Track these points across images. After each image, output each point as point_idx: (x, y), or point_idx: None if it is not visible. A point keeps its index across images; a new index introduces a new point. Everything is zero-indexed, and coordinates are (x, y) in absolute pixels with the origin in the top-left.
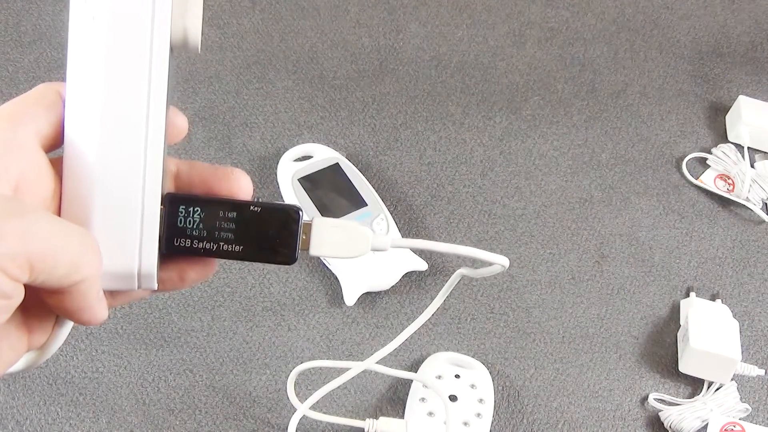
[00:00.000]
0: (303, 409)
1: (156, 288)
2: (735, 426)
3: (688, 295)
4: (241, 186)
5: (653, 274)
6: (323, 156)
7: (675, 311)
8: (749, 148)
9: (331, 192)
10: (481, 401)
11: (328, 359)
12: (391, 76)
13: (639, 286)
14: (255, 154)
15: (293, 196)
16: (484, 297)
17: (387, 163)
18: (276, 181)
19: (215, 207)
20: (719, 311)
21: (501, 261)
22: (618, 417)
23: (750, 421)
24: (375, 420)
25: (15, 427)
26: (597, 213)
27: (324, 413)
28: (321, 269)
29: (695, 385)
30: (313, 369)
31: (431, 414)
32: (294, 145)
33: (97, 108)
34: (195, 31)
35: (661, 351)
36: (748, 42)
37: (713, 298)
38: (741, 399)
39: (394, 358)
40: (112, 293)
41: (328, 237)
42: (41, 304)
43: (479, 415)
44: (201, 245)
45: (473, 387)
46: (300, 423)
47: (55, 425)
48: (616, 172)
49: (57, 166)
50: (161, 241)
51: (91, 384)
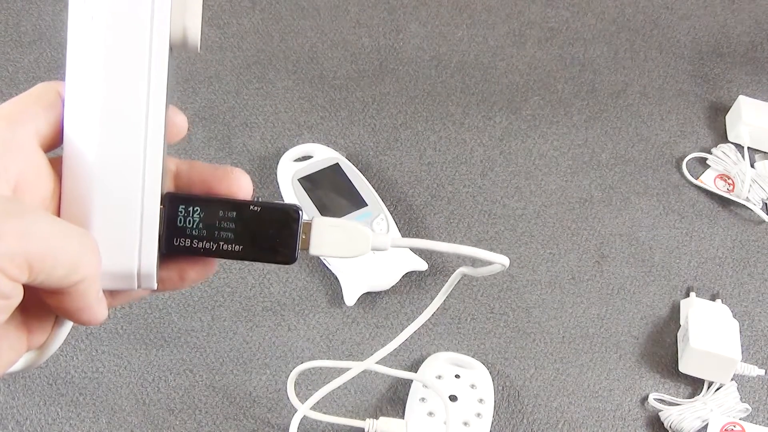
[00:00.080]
0: (303, 409)
1: (156, 288)
2: (735, 426)
3: (688, 295)
4: (241, 185)
5: (653, 274)
6: (323, 156)
7: (675, 311)
8: (749, 148)
9: (331, 192)
10: (481, 401)
11: (328, 359)
12: (391, 76)
13: (639, 286)
14: (255, 154)
15: (293, 196)
16: (484, 297)
17: (387, 163)
18: (276, 181)
19: (215, 206)
20: (719, 311)
21: (501, 260)
22: (618, 417)
23: (750, 421)
24: (375, 420)
25: (15, 427)
26: (597, 213)
27: (324, 413)
28: (321, 269)
29: (695, 385)
30: (313, 369)
31: (431, 414)
32: (294, 145)
33: (97, 107)
34: (194, 31)
35: (661, 351)
36: (748, 42)
37: (713, 298)
38: (741, 399)
39: (394, 358)
40: (111, 293)
41: (327, 237)
42: (41, 304)
43: (479, 415)
44: (201, 245)
45: (473, 387)
46: (300, 423)
47: (55, 425)
48: (616, 172)
49: (56, 165)
50: (161, 241)
51: (91, 384)
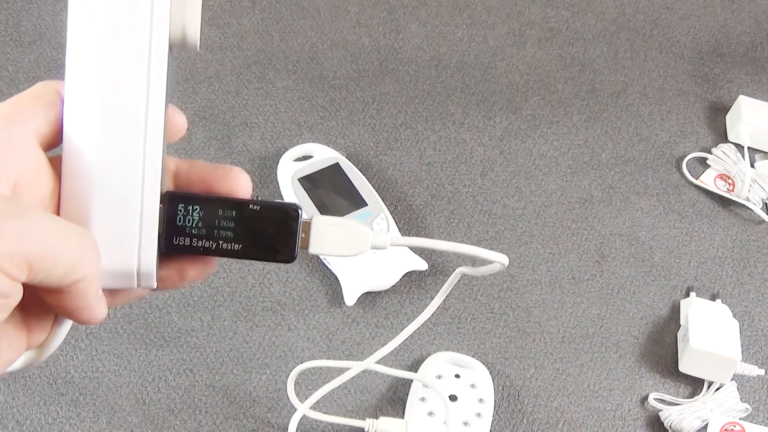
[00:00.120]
0: (303, 409)
1: (155, 286)
2: (735, 426)
3: (688, 295)
4: (241, 184)
5: (653, 274)
6: (323, 156)
7: (675, 311)
8: (749, 148)
9: (331, 192)
10: (481, 401)
11: (328, 359)
12: (391, 76)
13: (639, 286)
14: (255, 154)
15: (293, 195)
16: (484, 297)
17: (387, 163)
18: (276, 181)
19: (214, 205)
20: (719, 311)
21: (500, 259)
22: (618, 417)
23: (750, 421)
24: (375, 420)
25: (15, 427)
26: (597, 213)
27: (324, 413)
28: (321, 269)
29: (695, 385)
30: (313, 369)
31: (431, 414)
32: (294, 145)
33: (96, 106)
34: (194, 30)
35: (661, 351)
36: (748, 42)
37: (713, 298)
38: (741, 399)
39: (394, 357)
40: (111, 292)
41: (327, 235)
42: (40, 302)
43: (479, 415)
44: (200, 244)
45: (473, 387)
46: (300, 423)
47: (55, 425)
48: (616, 172)
49: (56, 164)
50: (160, 240)
51: (91, 384)
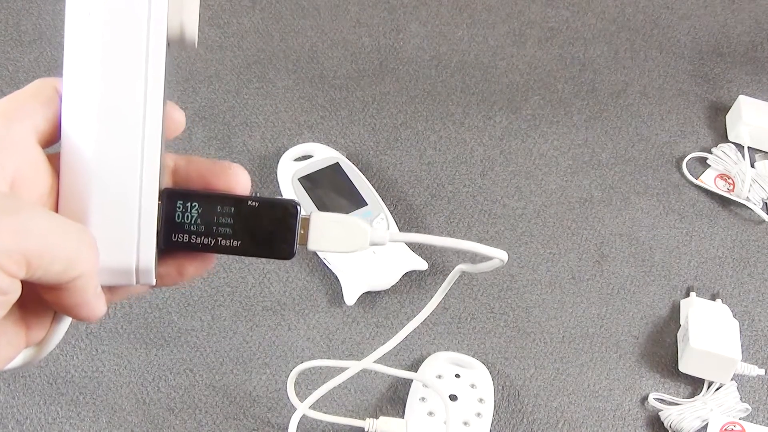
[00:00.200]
0: (303, 409)
1: (154, 283)
2: (735, 426)
3: (688, 295)
4: (239, 181)
5: (653, 274)
6: (323, 155)
7: (675, 311)
8: (749, 147)
9: (331, 191)
10: (481, 401)
11: (328, 359)
12: (392, 75)
13: (639, 286)
14: (255, 153)
15: (293, 195)
16: (484, 296)
17: (387, 163)
18: (276, 181)
19: (213, 202)
20: (719, 311)
21: (499, 255)
22: (618, 417)
23: (750, 421)
24: (375, 419)
25: (15, 427)
26: (597, 213)
27: (324, 413)
28: (321, 269)
29: (695, 385)
30: (313, 368)
31: (431, 414)
32: (294, 145)
33: (94, 103)
34: (192, 26)
35: (661, 351)
36: (748, 42)
37: (713, 297)
38: (741, 399)
39: (394, 357)
40: (110, 289)
41: (326, 231)
42: (39, 300)
43: (479, 415)
44: (199, 240)
45: (473, 387)
46: (300, 422)
47: (55, 425)
48: (616, 171)
49: (54, 162)
50: (159, 237)
51: (92, 383)
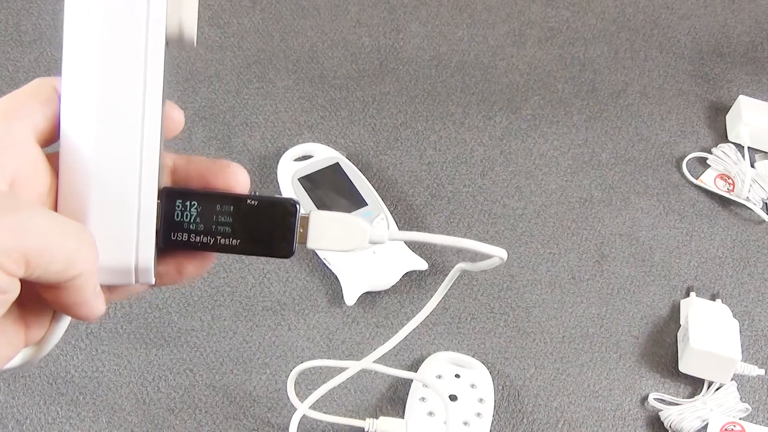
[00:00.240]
0: (303, 409)
1: (153, 282)
2: (735, 426)
3: (688, 295)
4: (239, 179)
5: (653, 274)
6: (323, 155)
7: (675, 311)
8: (749, 147)
9: (332, 192)
10: (481, 401)
11: (328, 359)
12: (392, 75)
13: (639, 286)
14: (255, 153)
15: (293, 195)
16: (484, 296)
17: (387, 163)
18: (276, 181)
19: (212, 201)
20: (719, 311)
21: (499, 253)
22: (618, 417)
23: (750, 421)
24: (375, 420)
25: (15, 427)
26: (597, 213)
27: (324, 413)
28: (321, 269)
29: (695, 385)
30: (314, 368)
31: (431, 414)
32: (294, 145)
33: (93, 102)
34: (190, 25)
35: (661, 351)
36: (748, 42)
37: (713, 297)
38: (741, 399)
39: (394, 357)
40: (109, 288)
41: (325, 230)
42: (38, 299)
43: (479, 415)
44: (198, 239)
45: (473, 387)
46: (300, 422)
47: (55, 424)
48: (616, 171)
49: (53, 161)
50: (158, 236)
51: (92, 383)
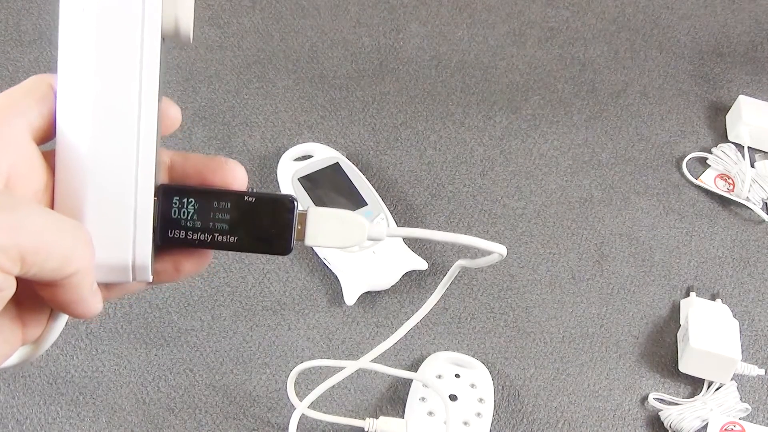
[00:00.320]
0: (303, 409)
1: (151, 280)
2: (735, 426)
3: (688, 295)
4: (236, 176)
5: (653, 273)
6: (323, 155)
7: (675, 311)
8: (749, 147)
9: (331, 191)
10: (481, 401)
11: (328, 359)
12: (392, 75)
13: (639, 285)
14: (255, 153)
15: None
16: (484, 296)
17: (387, 163)
18: (276, 181)
19: (209, 198)
20: (719, 311)
21: (498, 249)
22: (618, 417)
23: (750, 421)
24: (375, 419)
25: (15, 426)
26: (597, 213)
27: (324, 413)
28: (321, 269)
29: (695, 385)
30: (313, 368)
31: (431, 413)
32: (294, 145)
33: (89, 99)
34: (186, 21)
35: (661, 351)
36: (748, 42)
37: (713, 297)
38: (741, 399)
39: (394, 357)
40: (107, 286)
41: (323, 227)
42: (35, 297)
43: (479, 415)
44: (195, 236)
45: (473, 386)
46: (300, 422)
47: (55, 424)
48: (616, 171)
49: (49, 158)
50: (155, 233)
51: (91, 383)
